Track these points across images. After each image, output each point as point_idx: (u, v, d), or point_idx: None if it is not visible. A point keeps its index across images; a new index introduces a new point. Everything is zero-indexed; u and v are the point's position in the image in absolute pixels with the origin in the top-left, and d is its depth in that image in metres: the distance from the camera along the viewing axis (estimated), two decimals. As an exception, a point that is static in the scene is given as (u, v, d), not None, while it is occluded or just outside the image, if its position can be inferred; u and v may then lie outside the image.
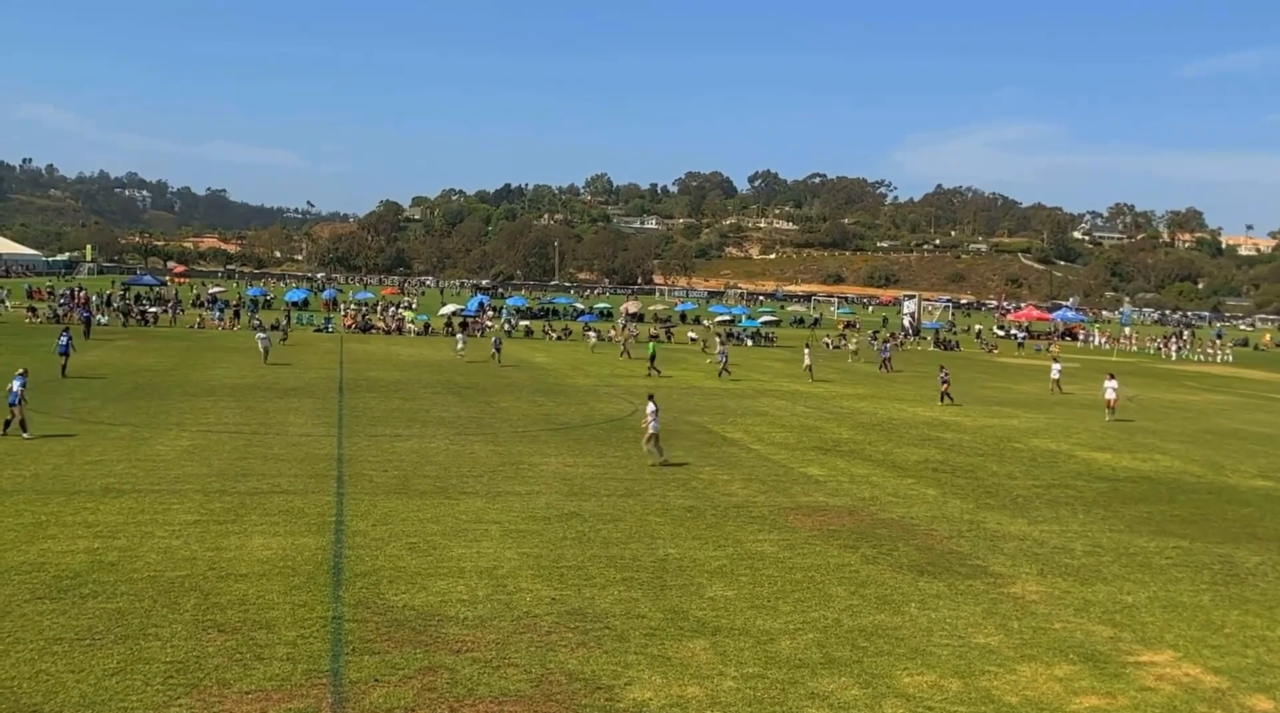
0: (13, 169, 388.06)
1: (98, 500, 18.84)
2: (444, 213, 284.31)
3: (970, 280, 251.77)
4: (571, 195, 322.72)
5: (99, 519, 17.55)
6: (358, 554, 16.19)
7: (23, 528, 16.77)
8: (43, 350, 46.36)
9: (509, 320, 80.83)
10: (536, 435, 28.65)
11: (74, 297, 75.22)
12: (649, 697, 11.27)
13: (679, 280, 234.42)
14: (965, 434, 33.11)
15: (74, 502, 18.65)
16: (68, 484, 20.08)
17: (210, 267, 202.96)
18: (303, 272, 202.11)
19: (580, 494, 21.33)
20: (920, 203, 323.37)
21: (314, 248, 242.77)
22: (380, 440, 26.57)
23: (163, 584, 14.27)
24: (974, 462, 27.89)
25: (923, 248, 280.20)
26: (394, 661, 11.94)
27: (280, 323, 61.89)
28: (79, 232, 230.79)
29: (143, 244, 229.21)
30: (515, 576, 15.45)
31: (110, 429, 26.50)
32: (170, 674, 11.25)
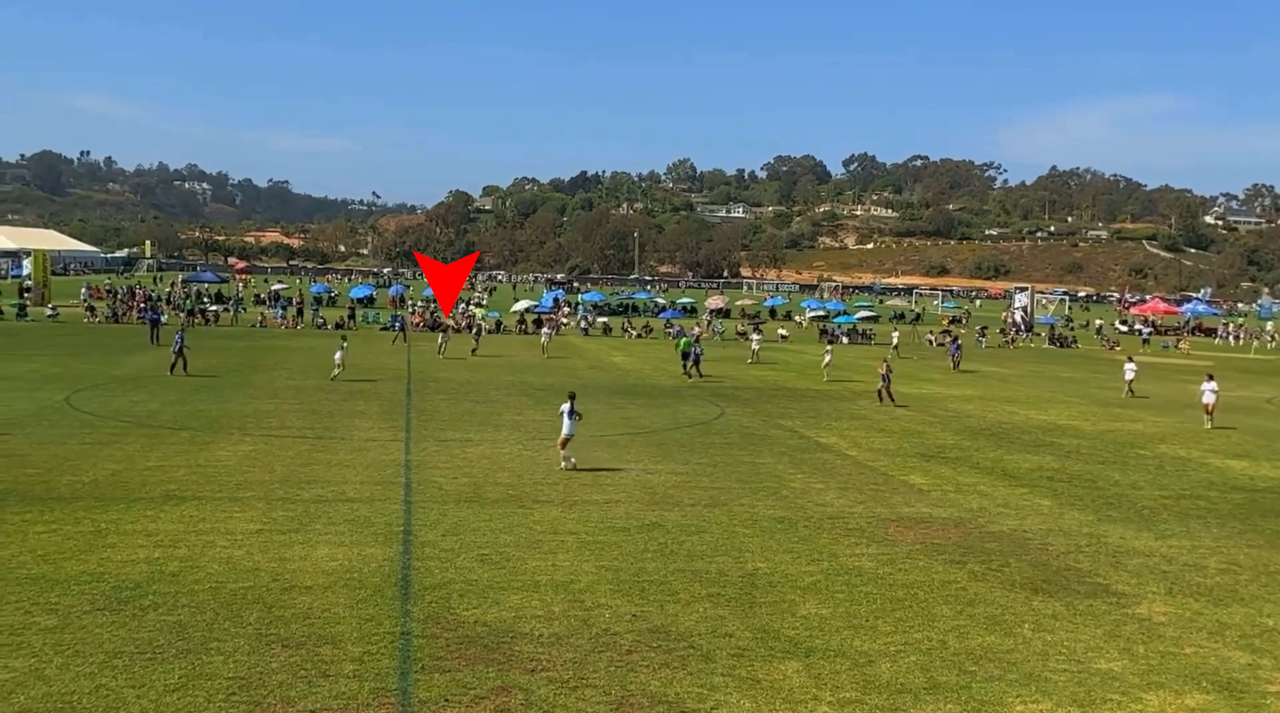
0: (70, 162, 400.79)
1: (158, 508, 19.36)
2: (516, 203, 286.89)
3: (1089, 271, 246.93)
4: (652, 183, 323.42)
5: (159, 528, 18.03)
6: (427, 566, 16.40)
7: (82, 536, 17.31)
8: (101, 351, 47.86)
9: (585, 317, 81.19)
10: (615, 440, 28.74)
11: (134, 295, 77.36)
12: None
13: (768, 273, 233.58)
14: (1084, 440, 32.47)
15: (134, 510, 19.20)
16: (127, 491, 20.68)
17: (272, 262, 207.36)
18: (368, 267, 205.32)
19: (662, 504, 21.36)
20: (1033, 186, 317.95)
21: (380, 241, 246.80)
22: (450, 446, 26.89)
23: (225, 596, 14.61)
24: (1093, 470, 27.34)
25: (1035, 236, 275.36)
26: (465, 680, 12.07)
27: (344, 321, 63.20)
28: (138, 227, 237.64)
29: (203, 239, 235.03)
30: (593, 590, 15.53)
31: (170, 434, 27.21)
32: (233, 691, 11.52)
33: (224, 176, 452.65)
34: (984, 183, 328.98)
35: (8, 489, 20.37)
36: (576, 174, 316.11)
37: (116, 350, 48.41)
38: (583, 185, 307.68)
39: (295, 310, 75.28)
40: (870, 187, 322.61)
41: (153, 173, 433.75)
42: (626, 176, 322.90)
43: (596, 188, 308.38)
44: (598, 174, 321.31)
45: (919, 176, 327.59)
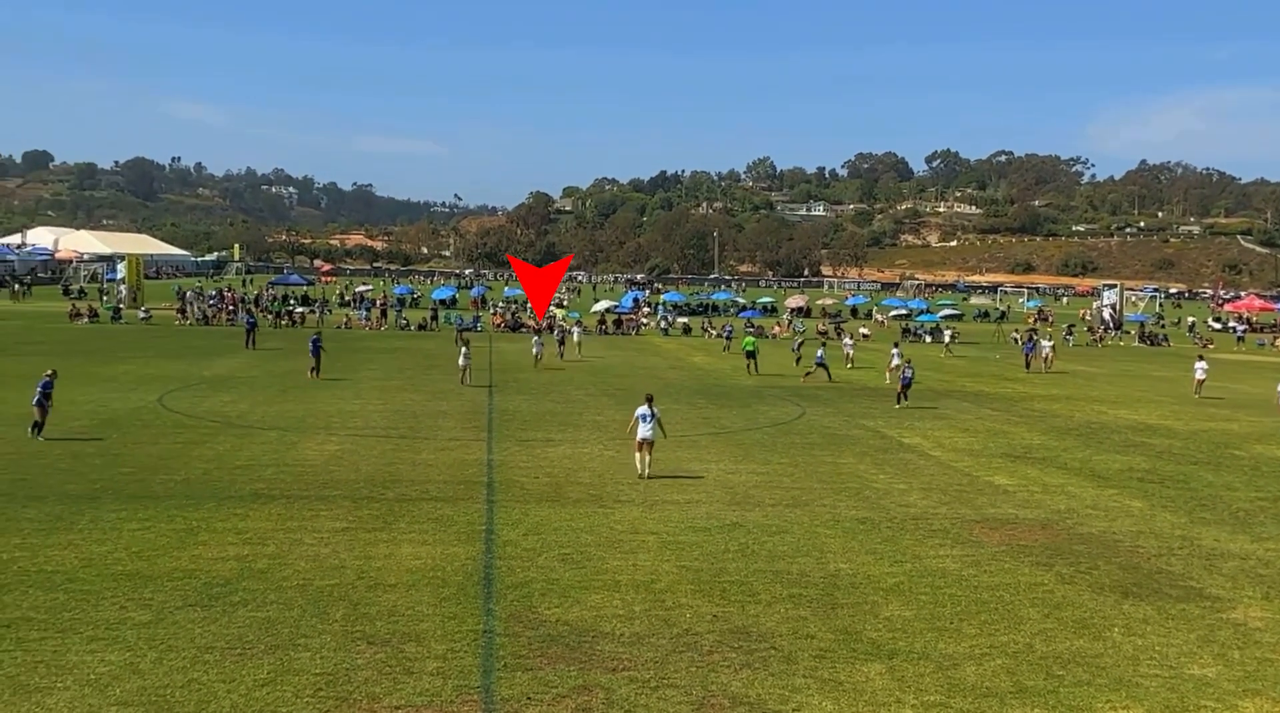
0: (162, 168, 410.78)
1: (247, 506, 19.77)
2: (596, 203, 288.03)
3: (1180, 267, 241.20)
4: (732, 182, 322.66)
5: (248, 526, 18.41)
6: (509, 565, 16.54)
7: (174, 534, 17.73)
8: (193, 352, 48.98)
9: (665, 318, 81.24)
10: (696, 441, 28.73)
11: (223, 297, 79.06)
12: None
13: (849, 271, 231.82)
14: (1176, 439, 31.74)
15: (224, 508, 19.62)
16: (218, 489, 21.14)
17: (357, 264, 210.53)
18: (450, 268, 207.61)
19: (743, 504, 21.31)
20: (1121, 181, 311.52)
21: (461, 243, 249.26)
22: (531, 446, 27.09)
23: (312, 593, 14.88)
24: (1186, 470, 26.71)
25: (1125, 232, 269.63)
26: (547, 678, 12.14)
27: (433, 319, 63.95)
28: (227, 231, 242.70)
29: (289, 242, 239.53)
30: (674, 590, 15.54)
31: (259, 433, 27.76)
32: (320, 687, 11.72)
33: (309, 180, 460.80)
34: (1071, 178, 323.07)
35: (104, 488, 20.95)
36: (656, 174, 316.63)
37: (207, 352, 49.51)
38: (662, 185, 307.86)
39: (379, 312, 76.38)
40: (954, 183, 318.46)
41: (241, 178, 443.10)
42: (706, 176, 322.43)
43: (676, 187, 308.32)
44: (677, 174, 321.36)
45: (1004, 173, 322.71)
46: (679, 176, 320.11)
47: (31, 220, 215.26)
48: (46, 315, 70.53)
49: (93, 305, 71.91)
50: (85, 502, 19.74)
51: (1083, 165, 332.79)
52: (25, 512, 18.86)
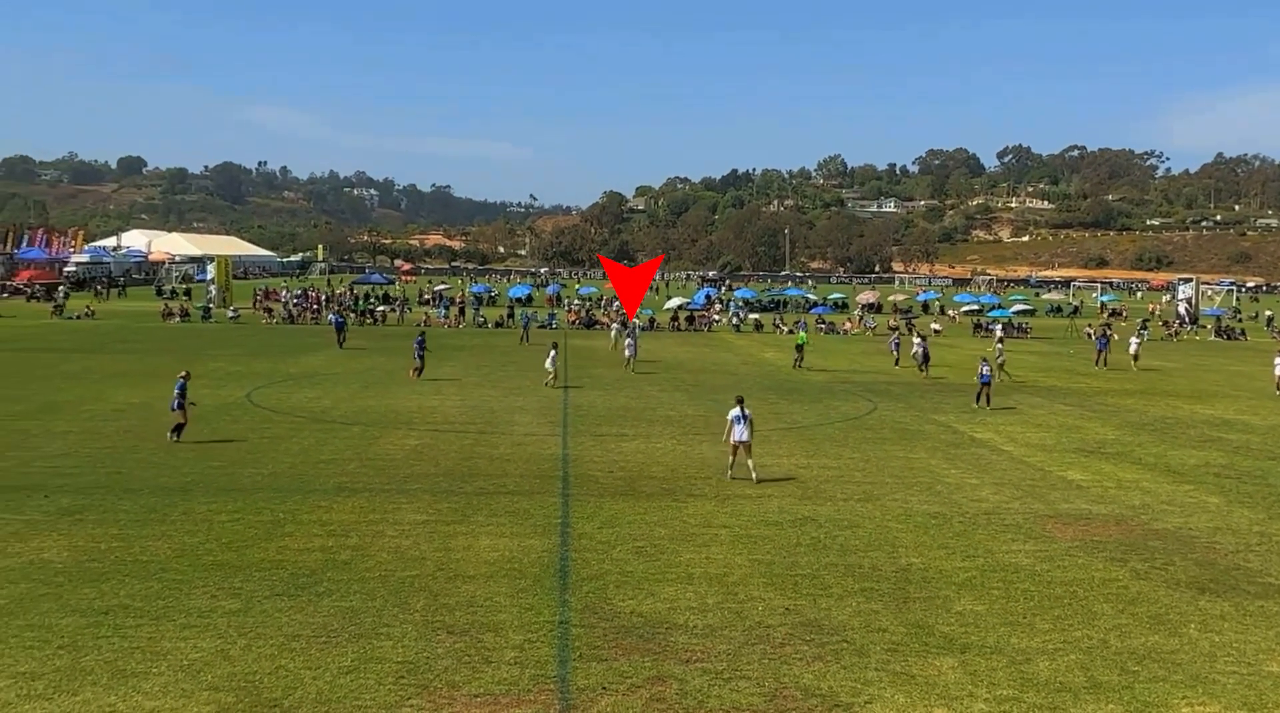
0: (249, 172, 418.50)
1: (331, 499, 20.08)
2: (669, 202, 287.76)
3: (1258, 260, 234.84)
4: (802, 179, 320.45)
5: (333, 518, 18.71)
6: (584, 558, 16.62)
7: (262, 526, 18.08)
8: (278, 350, 49.82)
9: (737, 314, 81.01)
10: (768, 435, 28.58)
11: (307, 297, 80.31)
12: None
13: (920, 267, 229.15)
14: (1254, 435, 30.95)
15: (309, 500, 19.95)
16: (303, 483, 21.50)
17: (435, 263, 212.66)
18: (526, 267, 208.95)
19: (815, 498, 21.19)
20: (1197, 174, 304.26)
21: (537, 242, 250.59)
22: (605, 440, 27.18)
23: (393, 584, 15.08)
24: (1264, 466, 26.04)
25: (1200, 225, 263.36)
26: (622, 669, 12.19)
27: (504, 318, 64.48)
28: (311, 232, 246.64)
29: (371, 243, 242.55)
30: (746, 583, 15.50)
31: (342, 428, 28.18)
32: (401, 675, 11.87)
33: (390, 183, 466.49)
34: (1145, 172, 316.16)
35: (195, 481, 21.41)
36: (727, 172, 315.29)
37: (292, 350, 50.33)
38: (734, 183, 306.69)
39: (457, 310, 77.16)
40: (1025, 179, 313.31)
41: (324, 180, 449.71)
42: (777, 174, 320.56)
43: (747, 185, 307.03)
44: (748, 172, 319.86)
45: (1076, 167, 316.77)
46: (750, 175, 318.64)
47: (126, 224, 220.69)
48: (141, 315, 72.21)
49: (184, 305, 73.44)
50: (178, 494, 20.19)
51: (1157, 159, 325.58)
52: (121, 504, 19.34)
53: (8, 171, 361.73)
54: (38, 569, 15.46)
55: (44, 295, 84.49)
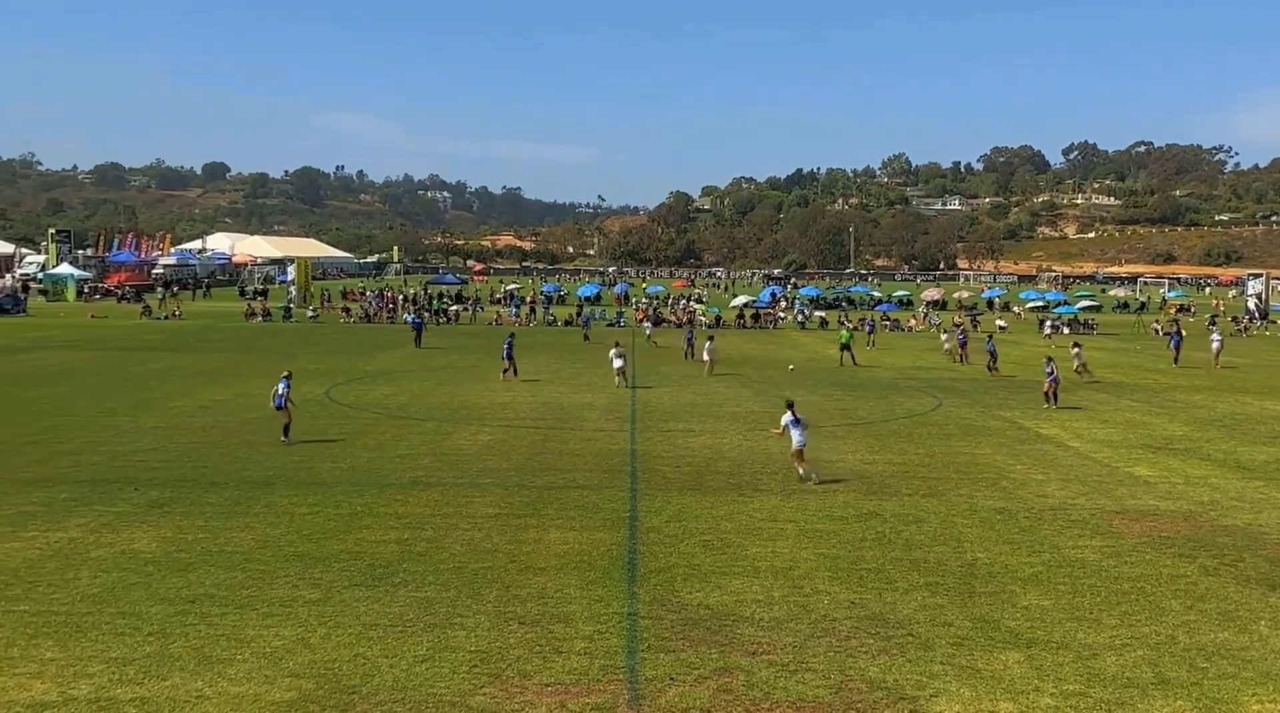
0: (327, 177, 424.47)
1: (406, 493, 20.31)
2: (734, 202, 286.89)
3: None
4: (867, 178, 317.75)
5: (408, 511, 18.92)
6: (652, 551, 16.63)
7: (340, 518, 18.33)
8: (356, 349, 50.47)
9: (802, 311, 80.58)
10: (833, 431, 28.43)
11: (383, 297, 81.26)
12: (957, 711, 10.95)
13: (985, 264, 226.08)
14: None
15: (385, 494, 20.20)
16: (379, 477, 21.77)
17: (507, 263, 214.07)
18: (594, 266, 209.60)
19: (880, 493, 21.01)
20: (1267, 169, 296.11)
21: (605, 242, 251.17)
22: (673, 436, 27.18)
23: (467, 575, 15.21)
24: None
25: (1270, 220, 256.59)
26: (689, 660, 12.18)
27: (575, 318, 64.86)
28: (386, 234, 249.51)
29: (444, 244, 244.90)
30: (812, 577, 15.42)
31: (417, 424, 28.47)
32: (475, 664, 11.98)
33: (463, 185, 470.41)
34: (1213, 167, 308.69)
35: (277, 475, 21.77)
36: (792, 172, 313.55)
37: (369, 348, 50.96)
38: (798, 183, 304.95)
39: (528, 308, 77.63)
40: (1091, 175, 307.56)
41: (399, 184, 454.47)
42: (842, 173, 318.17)
43: (812, 184, 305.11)
44: (813, 171, 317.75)
45: (1143, 163, 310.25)
46: (815, 174, 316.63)
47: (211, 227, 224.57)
48: (225, 315, 73.56)
49: (266, 305, 74.66)
50: (260, 488, 20.55)
51: (1225, 154, 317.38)
52: (207, 497, 19.73)
53: (99, 178, 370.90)
54: (128, 559, 15.83)
55: (134, 297, 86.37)
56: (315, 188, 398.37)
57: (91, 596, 14.19)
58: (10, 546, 16.45)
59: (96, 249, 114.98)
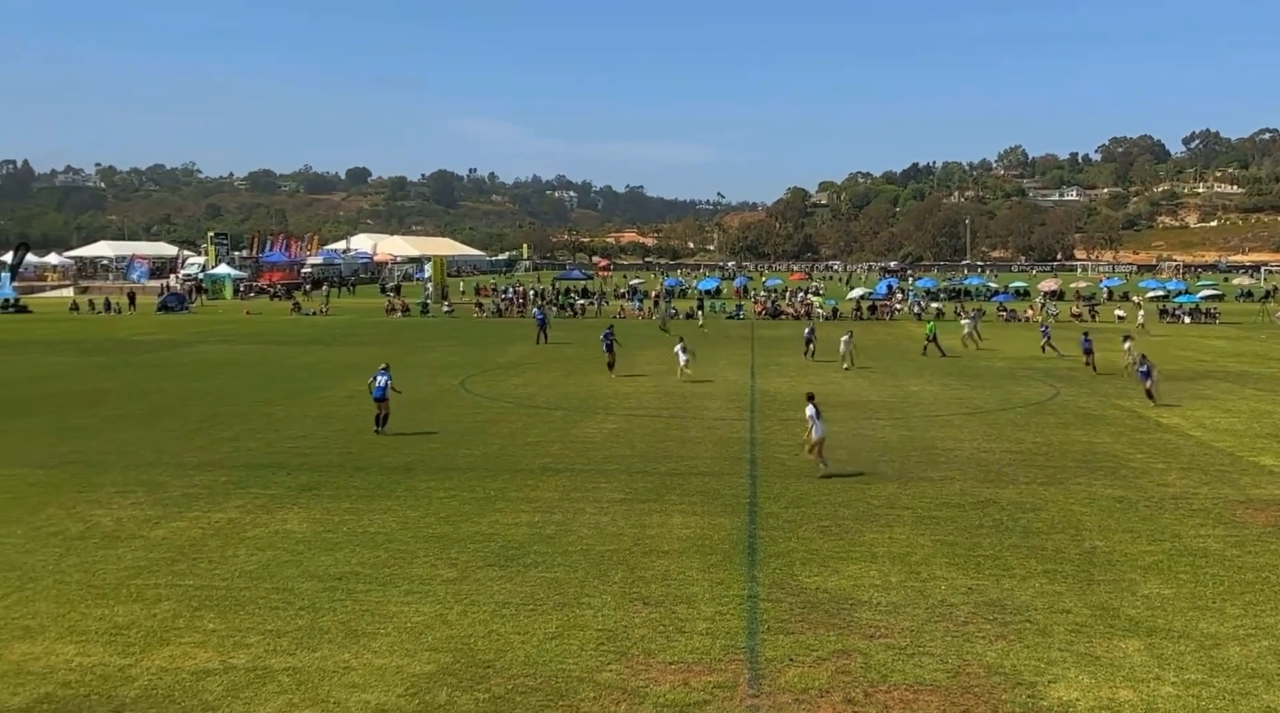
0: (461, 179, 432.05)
1: (537, 478, 20.59)
2: (850, 196, 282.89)
3: None
4: (983, 171, 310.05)
5: (538, 495, 19.17)
6: (771, 535, 16.55)
7: (475, 502, 18.68)
8: (488, 342, 51.31)
9: (918, 303, 79.15)
10: (949, 420, 27.87)
11: (515, 293, 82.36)
12: (1075, 697, 10.65)
13: (1104, 254, 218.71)
14: None
15: (517, 479, 20.50)
16: (512, 463, 22.11)
17: (630, 259, 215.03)
18: (714, 261, 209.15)
19: (997, 481, 20.52)
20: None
21: (725, 237, 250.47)
22: (791, 424, 26.95)
23: (594, 557, 15.35)
24: None
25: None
26: (808, 642, 12.10)
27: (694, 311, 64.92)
28: (516, 232, 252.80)
29: (571, 241, 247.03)
30: (929, 563, 15.16)
31: (546, 413, 28.83)
32: (602, 642, 12.09)
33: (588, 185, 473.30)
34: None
35: (416, 461, 22.29)
36: (908, 166, 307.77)
37: (501, 341, 51.74)
38: (914, 177, 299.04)
39: (651, 302, 77.80)
40: (1213, 163, 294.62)
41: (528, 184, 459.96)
42: (958, 166, 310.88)
43: (928, 178, 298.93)
44: (929, 165, 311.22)
45: (1268, 150, 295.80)
46: (930, 168, 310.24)
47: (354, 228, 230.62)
48: (368, 311, 75.47)
49: (405, 301, 76.36)
50: (401, 473, 21.06)
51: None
52: (353, 481, 20.31)
53: (252, 184, 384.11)
54: (281, 539, 16.39)
55: (285, 294, 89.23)
56: (450, 190, 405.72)
57: (248, 572, 14.74)
58: (176, 525, 17.19)
59: (251, 250, 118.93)
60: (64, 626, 12.72)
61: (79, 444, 24.28)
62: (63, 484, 20.12)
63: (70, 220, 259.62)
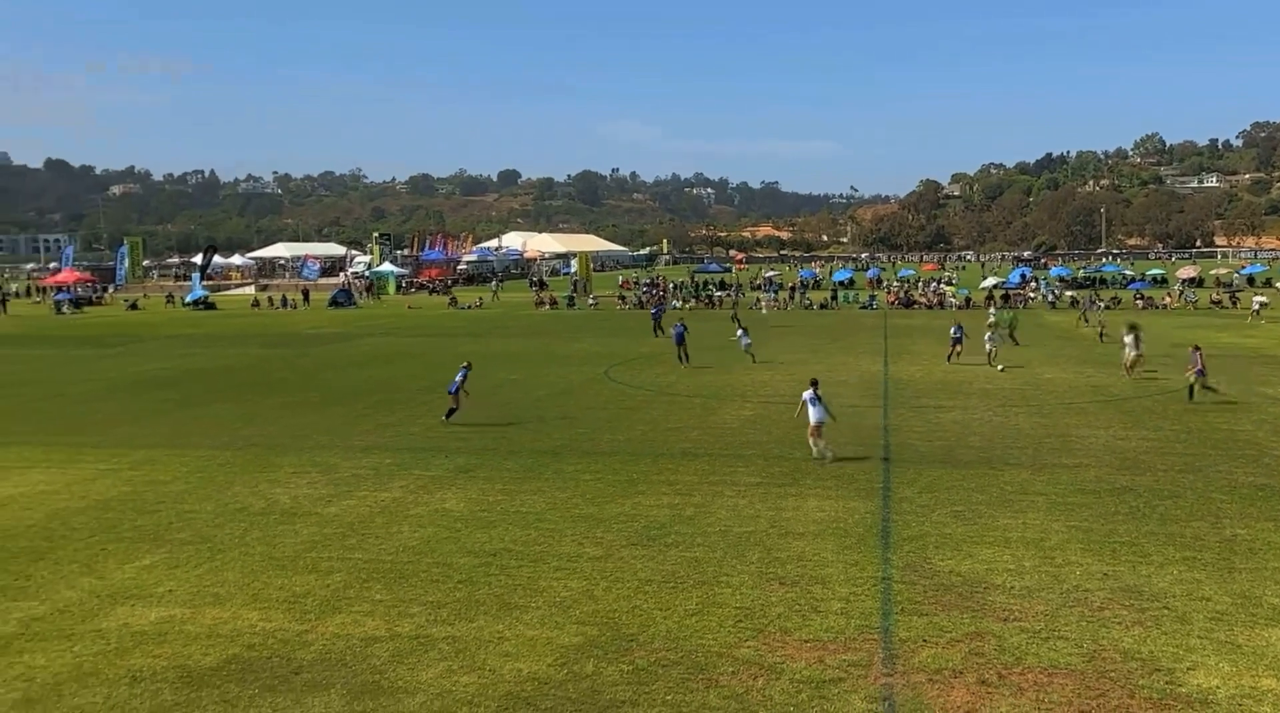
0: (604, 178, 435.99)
1: (677, 462, 20.66)
2: (983, 187, 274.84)
3: None
4: (1119, 159, 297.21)
5: (678, 479, 19.24)
6: (904, 519, 16.26)
7: (619, 484, 18.86)
8: (630, 333, 51.66)
9: (1051, 291, 76.44)
10: (1084, 408, 26.85)
11: (655, 286, 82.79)
12: (1215, 684, 10.17)
13: (1245, 241, 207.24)
14: None
15: (658, 463, 20.62)
16: (653, 447, 22.25)
17: (766, 252, 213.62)
18: (848, 252, 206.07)
19: (1133, 468, 19.69)
20: None
21: (858, 230, 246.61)
22: (924, 412, 26.42)
23: (731, 538, 15.34)
24: None
25: None
26: (941, 623, 11.85)
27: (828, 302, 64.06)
28: (657, 228, 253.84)
29: (708, 236, 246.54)
30: (1063, 548, 14.66)
31: (685, 401, 28.90)
32: (739, 619, 12.08)
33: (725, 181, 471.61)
34: None
35: (564, 445, 22.63)
36: (1042, 156, 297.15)
37: (642, 332, 51.96)
38: (1048, 166, 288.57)
39: (786, 293, 77.17)
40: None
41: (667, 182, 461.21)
42: (1092, 155, 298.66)
43: (1062, 168, 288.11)
44: (1063, 154, 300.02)
45: None
46: (1065, 157, 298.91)
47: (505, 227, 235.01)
48: (518, 305, 76.91)
49: (553, 295, 77.51)
50: (549, 456, 21.41)
51: None
52: (505, 464, 20.74)
53: (413, 187, 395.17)
54: (441, 516, 16.87)
55: (443, 290, 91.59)
56: (594, 189, 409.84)
57: (411, 547, 15.22)
58: (346, 503, 17.86)
59: (411, 249, 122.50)
60: (248, 594, 13.37)
61: (261, 428, 25.45)
62: (247, 465, 21.13)
63: (251, 224, 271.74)
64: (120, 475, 20.33)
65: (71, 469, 20.95)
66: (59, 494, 18.90)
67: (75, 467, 21.17)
